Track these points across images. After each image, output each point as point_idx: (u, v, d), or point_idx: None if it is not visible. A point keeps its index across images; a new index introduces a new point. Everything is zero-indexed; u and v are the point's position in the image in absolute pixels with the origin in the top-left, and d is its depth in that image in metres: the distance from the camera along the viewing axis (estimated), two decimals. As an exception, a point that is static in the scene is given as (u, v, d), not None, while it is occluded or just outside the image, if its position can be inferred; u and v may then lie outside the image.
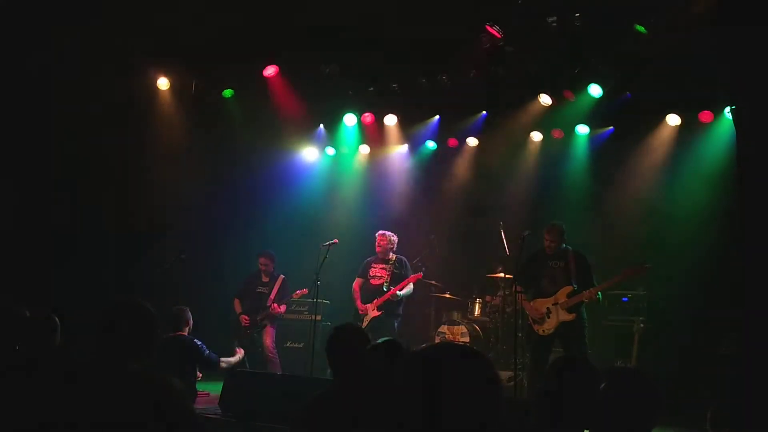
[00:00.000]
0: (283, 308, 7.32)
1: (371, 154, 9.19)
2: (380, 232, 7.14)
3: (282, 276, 7.43)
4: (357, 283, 7.19)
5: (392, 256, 7.09)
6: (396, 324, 6.97)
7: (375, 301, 6.92)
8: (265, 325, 7.26)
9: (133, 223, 7.63)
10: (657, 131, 7.44)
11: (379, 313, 6.86)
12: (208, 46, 7.35)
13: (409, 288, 7.02)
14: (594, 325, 6.40)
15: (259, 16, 6.69)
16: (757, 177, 3.83)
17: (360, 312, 6.99)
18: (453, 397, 1.37)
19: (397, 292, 6.85)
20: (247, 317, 7.27)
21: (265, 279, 7.45)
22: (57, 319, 3.25)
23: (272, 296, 7.28)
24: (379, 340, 2.72)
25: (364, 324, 6.71)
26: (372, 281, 7.06)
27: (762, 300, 3.70)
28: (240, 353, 5.77)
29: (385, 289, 6.90)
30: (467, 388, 1.39)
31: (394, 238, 7.12)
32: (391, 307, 6.90)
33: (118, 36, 6.98)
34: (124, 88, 7.50)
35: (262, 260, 7.43)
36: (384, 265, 7.07)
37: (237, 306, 7.40)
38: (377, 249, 7.09)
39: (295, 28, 7.02)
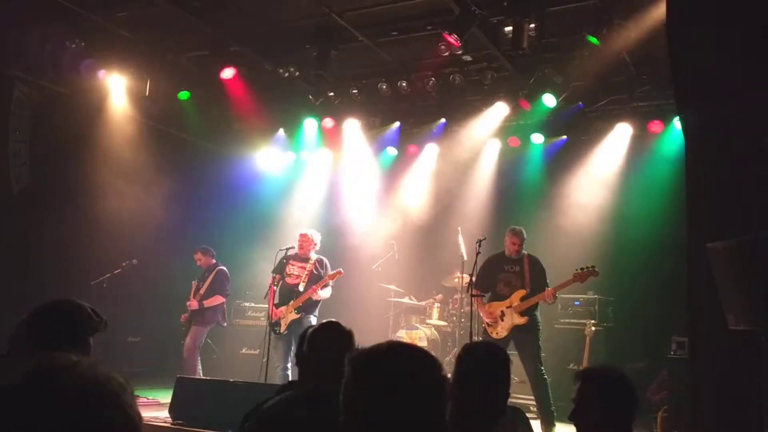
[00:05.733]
0: (194, 304, 6.93)
1: (331, 159, 9.17)
2: (302, 231, 6.70)
3: (219, 268, 7.15)
4: (273, 280, 6.51)
5: (313, 256, 6.62)
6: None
7: (291, 302, 6.39)
8: (192, 323, 6.98)
9: (82, 228, 7.36)
10: (608, 140, 7.66)
11: (298, 315, 6.33)
12: (165, 46, 7.22)
13: (329, 289, 6.54)
14: (547, 329, 6.51)
15: (217, 17, 6.60)
16: (703, 183, 3.96)
17: (275, 317, 6.44)
18: (400, 395, 1.36)
19: (318, 291, 6.32)
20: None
21: (206, 275, 7.22)
22: None
23: (201, 291, 7.03)
24: (323, 322, 2.54)
25: (283, 328, 6.34)
26: (288, 280, 6.51)
27: (704, 302, 3.82)
28: None
29: (300, 289, 6.38)
30: (414, 386, 1.38)
31: (317, 238, 6.68)
32: (310, 307, 6.40)
33: (71, 34, 6.79)
34: (74, 88, 7.27)
35: (195, 256, 7.23)
36: (302, 264, 6.54)
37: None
38: (299, 249, 6.57)
39: (253, 30, 6.96)
